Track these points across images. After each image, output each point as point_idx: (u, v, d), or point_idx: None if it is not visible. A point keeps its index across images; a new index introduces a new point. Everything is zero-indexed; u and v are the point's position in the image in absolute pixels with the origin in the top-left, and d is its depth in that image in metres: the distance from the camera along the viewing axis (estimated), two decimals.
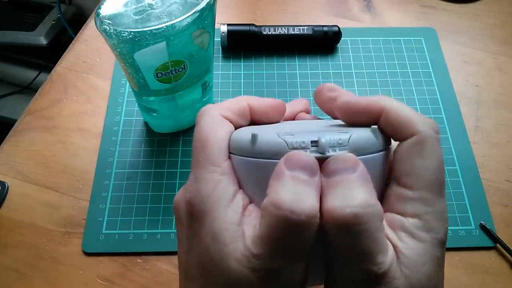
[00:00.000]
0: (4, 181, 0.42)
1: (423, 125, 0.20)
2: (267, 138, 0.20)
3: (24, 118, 0.47)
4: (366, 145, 0.20)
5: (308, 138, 0.20)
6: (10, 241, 0.39)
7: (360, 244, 0.18)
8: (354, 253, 0.18)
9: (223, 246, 0.19)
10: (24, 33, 1.00)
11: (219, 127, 0.23)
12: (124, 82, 0.49)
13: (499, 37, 0.54)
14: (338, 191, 0.18)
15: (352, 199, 0.18)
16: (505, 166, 0.44)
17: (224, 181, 0.21)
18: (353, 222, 0.17)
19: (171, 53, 0.35)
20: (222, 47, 0.52)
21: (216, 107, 0.23)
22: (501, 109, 0.48)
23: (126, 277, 0.37)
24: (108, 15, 0.34)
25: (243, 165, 0.21)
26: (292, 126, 0.24)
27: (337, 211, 0.18)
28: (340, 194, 0.18)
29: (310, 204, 0.18)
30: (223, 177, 0.21)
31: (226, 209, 0.20)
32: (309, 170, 0.19)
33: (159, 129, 0.45)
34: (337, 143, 0.20)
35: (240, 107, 0.24)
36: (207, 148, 0.22)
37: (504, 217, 0.41)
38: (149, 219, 0.40)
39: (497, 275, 0.38)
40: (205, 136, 0.22)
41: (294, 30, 0.51)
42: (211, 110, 0.23)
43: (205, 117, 0.23)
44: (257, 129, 0.22)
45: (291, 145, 0.20)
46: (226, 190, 0.21)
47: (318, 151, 0.20)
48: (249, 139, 0.21)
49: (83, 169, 0.43)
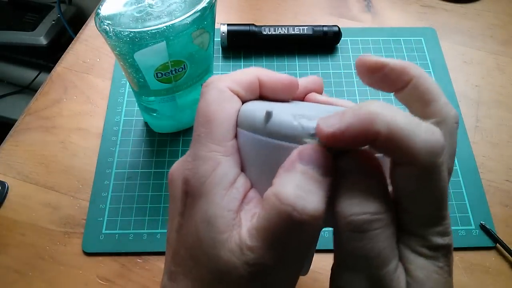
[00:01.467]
0: (4, 181, 0.42)
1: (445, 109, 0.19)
2: (283, 119, 0.19)
3: (24, 118, 0.47)
4: None
5: None
6: (10, 241, 0.39)
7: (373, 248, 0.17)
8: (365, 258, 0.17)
9: (217, 233, 0.18)
10: (24, 33, 1.00)
11: (226, 102, 0.21)
12: (124, 82, 0.49)
13: (499, 37, 0.54)
14: (354, 193, 0.17)
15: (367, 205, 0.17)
16: (505, 166, 0.44)
17: (225, 163, 0.19)
18: (369, 227, 0.17)
19: (171, 53, 0.35)
20: (222, 47, 0.52)
21: (224, 79, 0.21)
22: (501, 109, 0.48)
23: (126, 277, 0.37)
24: (108, 15, 0.34)
25: (252, 143, 0.20)
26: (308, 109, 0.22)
27: (353, 215, 0.17)
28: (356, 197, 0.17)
29: (315, 204, 0.17)
30: (225, 158, 0.20)
31: (225, 194, 0.19)
32: (324, 168, 0.18)
33: (159, 129, 0.45)
34: None
35: (249, 81, 0.22)
36: (211, 125, 0.20)
37: (504, 217, 0.41)
38: (149, 219, 0.40)
39: (497, 275, 0.38)
40: (210, 111, 0.20)
41: (294, 30, 0.51)
42: (219, 82, 0.21)
43: (211, 90, 0.21)
44: (272, 106, 0.20)
45: (307, 131, 0.18)
46: (227, 173, 0.19)
47: None
48: (263, 116, 0.19)
49: (83, 169, 0.43)
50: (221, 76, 0.22)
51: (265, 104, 0.21)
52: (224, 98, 0.21)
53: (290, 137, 0.18)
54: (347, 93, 0.49)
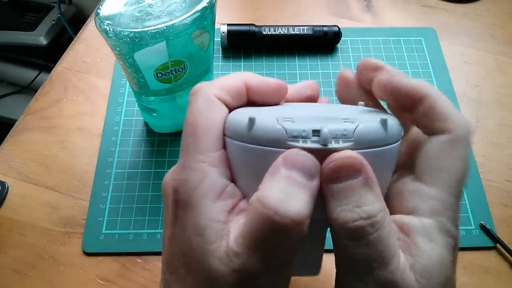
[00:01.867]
0: (4, 181, 0.42)
1: (459, 125, 0.19)
2: (266, 124, 0.18)
3: (24, 118, 0.47)
4: (373, 138, 0.18)
5: (310, 127, 0.18)
6: (10, 241, 0.39)
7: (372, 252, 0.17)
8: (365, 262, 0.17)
9: (206, 243, 0.18)
10: (24, 33, 1.00)
11: (213, 111, 0.21)
12: (124, 82, 0.49)
13: (499, 37, 0.54)
14: (344, 201, 0.17)
15: (362, 210, 0.17)
16: (505, 166, 0.44)
17: (212, 173, 0.19)
18: (364, 233, 0.17)
19: (171, 53, 0.35)
20: (222, 47, 0.52)
21: (211, 86, 0.21)
22: (501, 109, 0.48)
23: (126, 277, 0.37)
24: (108, 15, 0.34)
25: (238, 151, 0.20)
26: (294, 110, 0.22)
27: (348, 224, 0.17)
28: (347, 204, 0.17)
29: (298, 208, 0.17)
30: (212, 169, 0.19)
31: (212, 206, 0.19)
32: (308, 172, 0.18)
33: (159, 129, 0.45)
34: (341, 134, 0.18)
35: (236, 86, 0.22)
36: (197, 135, 0.20)
37: (504, 217, 0.41)
38: (149, 219, 0.40)
39: (497, 275, 0.38)
40: (196, 121, 0.20)
41: (294, 30, 0.51)
42: (206, 89, 0.21)
43: (198, 98, 0.21)
44: (255, 112, 0.20)
45: (290, 133, 0.18)
46: (214, 184, 0.19)
47: (319, 142, 0.18)
48: (246, 123, 0.19)
49: (83, 169, 0.43)
50: (208, 83, 0.22)
51: (250, 111, 0.21)
52: (210, 107, 0.21)
53: (275, 141, 0.18)
54: None
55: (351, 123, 0.18)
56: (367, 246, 0.17)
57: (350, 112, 0.21)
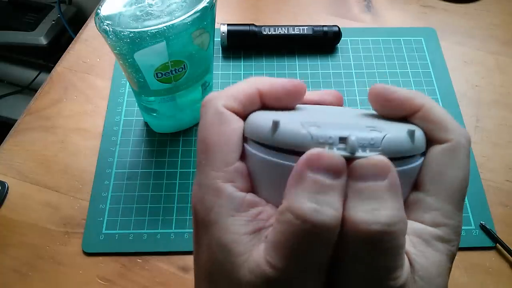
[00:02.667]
0: (4, 181, 0.42)
1: (458, 133, 0.19)
2: (291, 128, 0.18)
3: (24, 118, 0.47)
4: (401, 149, 0.18)
5: (337, 134, 0.17)
6: (10, 241, 0.39)
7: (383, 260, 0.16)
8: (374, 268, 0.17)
9: (235, 257, 0.18)
10: (24, 33, 1.00)
11: (225, 125, 0.20)
12: (124, 82, 0.49)
13: (499, 37, 0.54)
14: (365, 201, 0.17)
15: (380, 214, 0.16)
16: (505, 166, 0.44)
17: (228, 189, 0.19)
18: (379, 239, 0.16)
19: (171, 53, 0.35)
20: (222, 47, 0.52)
21: (221, 97, 0.20)
22: (501, 109, 0.48)
23: (126, 277, 0.37)
24: (108, 15, 0.34)
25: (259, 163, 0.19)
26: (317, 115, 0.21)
27: (363, 226, 0.16)
28: (367, 206, 0.16)
29: (333, 214, 0.16)
30: (226, 184, 0.19)
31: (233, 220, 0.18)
32: (335, 172, 0.17)
33: (159, 129, 0.45)
34: (369, 143, 0.17)
35: (248, 94, 0.21)
36: (210, 151, 0.19)
37: (504, 217, 0.41)
38: (149, 219, 0.40)
39: (497, 275, 0.38)
40: (208, 136, 0.20)
41: (294, 30, 0.51)
42: (216, 101, 0.20)
43: (209, 111, 0.20)
44: (279, 116, 0.19)
45: (316, 139, 0.17)
46: (231, 199, 0.19)
47: (346, 150, 0.17)
48: (270, 126, 0.18)
49: (83, 169, 0.43)
50: (217, 94, 0.21)
51: (272, 114, 0.20)
52: (222, 120, 0.20)
53: (300, 146, 0.18)
54: (347, 93, 0.49)
55: (378, 132, 0.18)
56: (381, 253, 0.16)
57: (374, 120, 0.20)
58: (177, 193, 0.41)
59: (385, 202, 0.17)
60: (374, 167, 0.17)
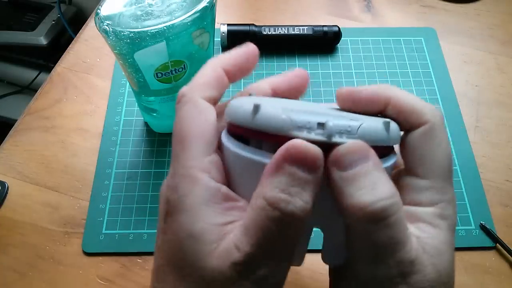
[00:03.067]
0: (4, 181, 0.42)
1: (431, 114, 0.20)
2: (271, 112, 0.18)
3: (24, 118, 0.47)
4: (376, 138, 0.19)
5: (315, 119, 0.18)
6: (10, 241, 0.39)
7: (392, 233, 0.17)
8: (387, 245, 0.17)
9: (203, 245, 0.18)
10: (24, 33, 1.00)
11: (201, 116, 0.20)
12: (124, 82, 0.49)
13: (499, 37, 0.54)
14: (360, 185, 0.17)
15: (379, 191, 0.17)
16: (505, 166, 0.44)
17: (204, 178, 0.19)
18: (385, 215, 0.17)
19: (171, 53, 0.35)
20: (222, 47, 0.52)
21: (195, 89, 0.21)
22: (501, 109, 0.48)
23: (126, 277, 0.37)
24: (108, 15, 0.34)
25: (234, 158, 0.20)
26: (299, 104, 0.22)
27: (368, 207, 0.17)
28: (364, 188, 0.17)
29: (303, 205, 0.17)
30: (203, 174, 0.19)
31: (207, 209, 0.19)
32: (311, 165, 0.18)
33: (159, 129, 0.45)
34: (346, 130, 0.18)
35: (216, 77, 0.22)
36: (187, 142, 0.20)
37: (504, 217, 0.41)
38: (149, 219, 0.40)
39: (497, 275, 0.38)
40: (184, 128, 0.20)
41: (294, 30, 0.51)
42: (190, 94, 0.21)
43: (185, 106, 0.21)
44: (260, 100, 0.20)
45: (295, 123, 0.18)
46: (207, 188, 0.19)
47: (323, 135, 0.18)
48: (251, 109, 0.19)
49: (83, 169, 0.43)
50: (190, 87, 0.21)
51: (253, 99, 0.21)
52: (198, 112, 0.21)
53: (279, 130, 0.18)
54: None
55: (355, 121, 0.18)
56: (389, 228, 0.17)
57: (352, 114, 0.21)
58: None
59: (378, 180, 0.18)
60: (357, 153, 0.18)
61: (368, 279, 0.18)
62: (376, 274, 0.18)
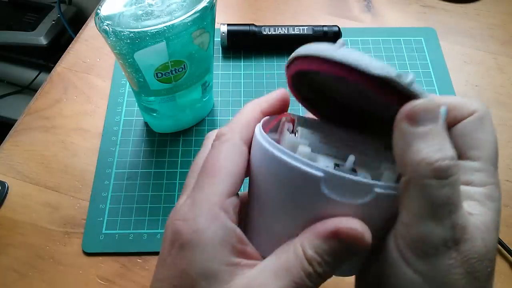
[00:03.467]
0: (4, 181, 0.42)
1: (480, 104, 0.22)
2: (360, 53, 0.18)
3: (24, 118, 0.47)
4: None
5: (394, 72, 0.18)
6: (10, 241, 0.39)
7: (453, 194, 0.18)
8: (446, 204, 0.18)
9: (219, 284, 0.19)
10: (24, 33, 1.00)
11: (238, 157, 0.21)
12: (124, 82, 0.49)
13: (499, 37, 0.54)
14: (429, 142, 0.18)
15: (445, 152, 0.18)
16: (505, 166, 0.44)
17: (223, 217, 0.20)
18: (449, 174, 0.18)
19: (171, 53, 0.35)
20: (222, 47, 0.52)
21: (236, 130, 0.22)
22: (501, 109, 0.48)
23: (126, 277, 0.37)
24: (108, 15, 0.34)
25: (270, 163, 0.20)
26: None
27: (434, 163, 0.18)
28: (433, 146, 0.18)
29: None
30: (222, 213, 0.20)
31: (221, 249, 0.19)
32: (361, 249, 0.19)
33: (159, 129, 0.45)
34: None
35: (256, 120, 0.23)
36: (218, 178, 0.20)
37: (504, 217, 0.41)
38: (149, 219, 0.40)
39: (497, 275, 0.38)
40: (220, 164, 0.21)
41: (294, 30, 0.51)
42: (232, 134, 0.22)
43: (225, 143, 0.21)
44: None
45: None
46: (223, 227, 0.20)
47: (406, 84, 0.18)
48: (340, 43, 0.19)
49: (83, 169, 0.43)
50: (231, 127, 0.22)
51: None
52: (236, 152, 0.21)
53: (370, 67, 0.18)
54: None
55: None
56: (450, 187, 0.18)
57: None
58: (177, 193, 0.41)
59: (445, 141, 0.19)
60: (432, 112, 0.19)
61: (421, 237, 0.19)
62: (431, 233, 0.18)
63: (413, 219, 0.19)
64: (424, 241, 0.18)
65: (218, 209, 0.20)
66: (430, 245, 0.18)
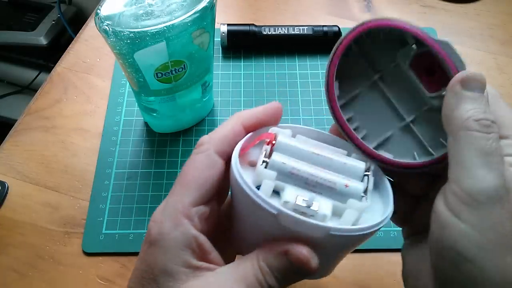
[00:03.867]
0: (4, 181, 0.42)
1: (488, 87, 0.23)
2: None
3: (24, 118, 0.47)
4: None
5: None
6: (10, 241, 0.39)
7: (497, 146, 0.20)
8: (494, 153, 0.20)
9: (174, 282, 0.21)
10: (24, 33, 1.00)
11: (209, 170, 0.23)
12: (124, 82, 0.49)
13: (499, 37, 0.54)
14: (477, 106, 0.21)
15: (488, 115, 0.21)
16: None
17: (186, 225, 0.22)
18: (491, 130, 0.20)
19: (171, 53, 0.35)
20: (222, 47, 0.52)
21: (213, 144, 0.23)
22: None
23: (126, 277, 0.37)
24: (108, 15, 0.34)
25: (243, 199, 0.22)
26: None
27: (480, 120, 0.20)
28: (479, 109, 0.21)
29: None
30: (185, 220, 0.22)
31: (181, 252, 0.21)
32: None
33: (159, 129, 0.45)
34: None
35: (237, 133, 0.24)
36: (185, 187, 0.23)
37: None
38: (149, 219, 0.40)
39: None
40: (190, 174, 0.23)
41: (294, 30, 0.51)
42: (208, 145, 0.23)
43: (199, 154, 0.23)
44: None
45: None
46: (184, 234, 0.22)
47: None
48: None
49: (83, 169, 0.43)
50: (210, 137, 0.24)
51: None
52: (207, 165, 0.23)
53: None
54: None
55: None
56: (495, 141, 0.20)
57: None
58: None
59: (487, 108, 0.21)
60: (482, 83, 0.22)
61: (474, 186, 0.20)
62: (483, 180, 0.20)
63: (465, 170, 0.20)
64: (478, 189, 0.19)
65: (182, 217, 0.22)
66: (482, 193, 0.19)
